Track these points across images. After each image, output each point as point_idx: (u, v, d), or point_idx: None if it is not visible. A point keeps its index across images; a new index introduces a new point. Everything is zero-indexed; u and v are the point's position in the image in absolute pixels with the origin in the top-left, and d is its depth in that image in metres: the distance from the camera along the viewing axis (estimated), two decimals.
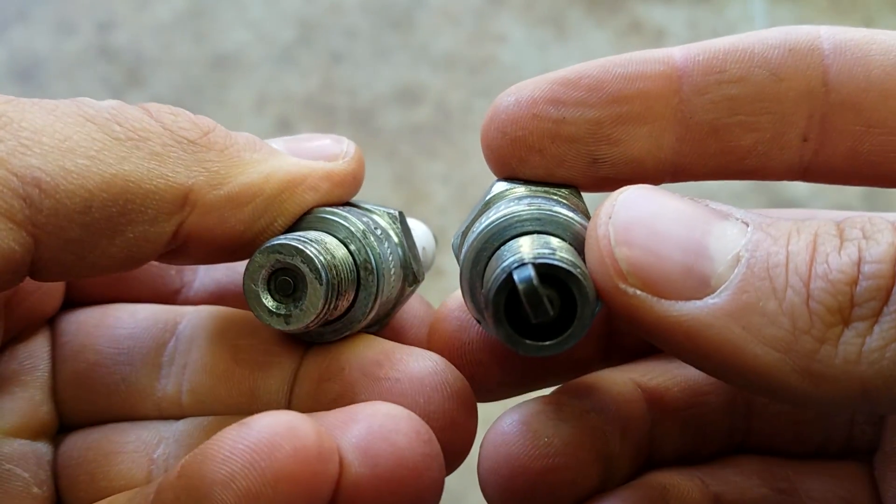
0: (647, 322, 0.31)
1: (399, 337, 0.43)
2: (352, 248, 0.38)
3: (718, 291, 0.30)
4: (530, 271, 0.31)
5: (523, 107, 0.38)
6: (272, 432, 0.31)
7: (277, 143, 0.40)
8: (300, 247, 0.36)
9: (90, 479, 0.39)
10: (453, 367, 0.38)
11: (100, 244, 0.34)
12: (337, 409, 0.36)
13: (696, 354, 0.31)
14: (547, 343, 0.32)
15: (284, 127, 1.11)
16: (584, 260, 0.33)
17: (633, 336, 0.43)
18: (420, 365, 0.37)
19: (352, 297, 0.39)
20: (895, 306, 0.29)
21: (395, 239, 0.40)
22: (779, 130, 0.36)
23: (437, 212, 1.04)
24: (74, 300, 0.43)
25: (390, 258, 0.40)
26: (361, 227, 0.39)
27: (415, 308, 0.44)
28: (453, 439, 0.37)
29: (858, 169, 0.37)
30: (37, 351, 0.41)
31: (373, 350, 0.38)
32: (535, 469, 0.38)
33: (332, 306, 0.37)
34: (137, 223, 0.34)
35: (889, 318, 0.29)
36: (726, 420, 0.42)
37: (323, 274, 0.36)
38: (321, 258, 0.36)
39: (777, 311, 0.29)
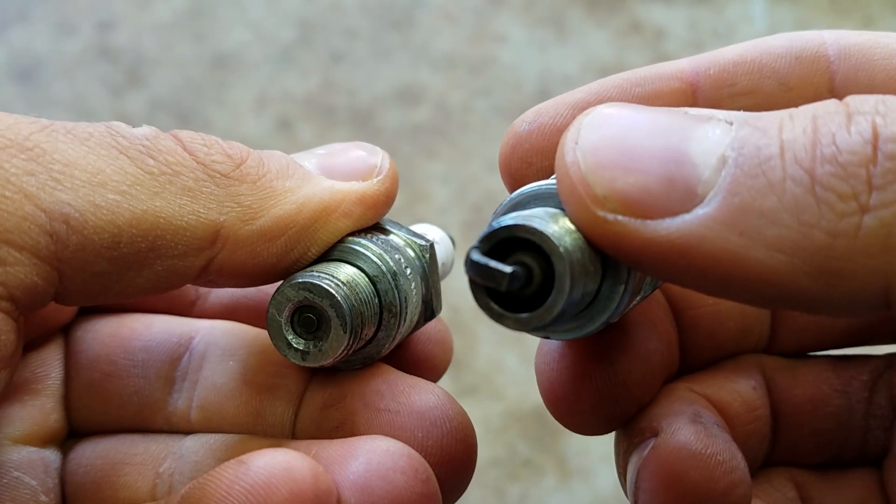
0: (635, 248, 0.28)
1: (407, 353, 0.43)
2: (379, 287, 0.38)
3: (707, 199, 0.27)
4: (476, 244, 0.30)
5: (547, 135, 0.37)
6: (269, 473, 0.31)
7: (310, 159, 0.39)
8: (331, 290, 0.36)
9: (96, 487, 0.39)
10: (456, 401, 0.37)
11: (126, 276, 0.34)
12: (337, 441, 0.36)
13: (694, 274, 0.28)
14: (526, 315, 0.30)
15: (284, 127, 1.11)
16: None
17: (698, 349, 0.42)
18: (421, 398, 0.37)
19: (370, 336, 0.38)
20: None
21: (421, 274, 0.40)
22: None
23: (437, 212, 1.04)
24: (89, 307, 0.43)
25: (415, 299, 0.39)
26: (392, 266, 0.38)
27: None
28: (451, 475, 0.36)
29: None
30: (49, 359, 0.41)
31: (376, 379, 0.38)
32: (727, 483, 0.35)
33: (350, 350, 0.37)
34: (166, 258, 0.34)
35: None
36: (770, 433, 0.42)
37: (348, 321, 0.36)
38: (349, 304, 0.36)
39: (777, 208, 0.26)
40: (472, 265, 0.30)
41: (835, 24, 1.16)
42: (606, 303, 0.32)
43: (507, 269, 0.29)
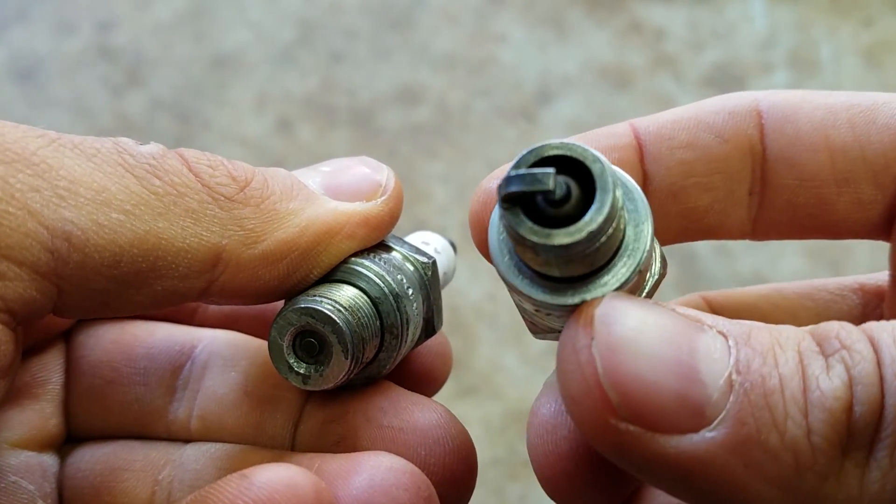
0: (640, 459, 0.29)
1: (407, 366, 0.43)
2: (381, 308, 0.38)
3: (715, 424, 0.28)
4: (517, 161, 0.29)
5: None
6: (272, 489, 0.31)
7: (314, 178, 0.39)
8: (333, 317, 0.36)
9: (95, 493, 0.39)
10: (457, 420, 0.38)
11: (125, 294, 0.34)
12: (340, 456, 0.36)
13: (693, 492, 0.29)
14: (573, 227, 0.28)
15: (284, 127, 1.11)
16: None
17: None
18: (424, 416, 0.37)
19: (372, 357, 0.38)
20: (887, 431, 0.27)
21: (423, 292, 0.40)
22: (730, 188, 0.39)
23: (437, 212, 1.04)
24: None
25: (416, 319, 0.39)
26: (395, 287, 0.38)
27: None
28: (452, 493, 0.37)
29: (798, 221, 0.39)
30: (50, 364, 0.41)
31: (378, 395, 0.38)
32: None
33: (352, 374, 0.37)
34: (167, 279, 0.34)
35: (884, 446, 0.27)
36: None
37: (350, 347, 0.36)
38: (351, 330, 0.36)
39: (779, 446, 0.27)
40: (510, 180, 0.29)
41: (835, 24, 1.16)
42: (636, 244, 0.31)
43: (550, 169, 0.28)
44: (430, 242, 0.44)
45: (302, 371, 0.37)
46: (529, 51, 1.16)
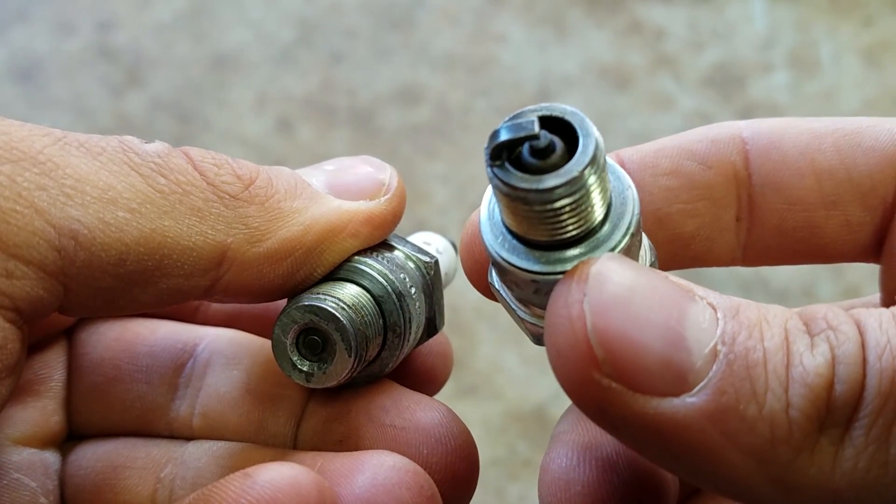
0: (618, 416, 0.29)
1: (409, 366, 0.43)
2: (384, 307, 0.38)
3: (696, 390, 0.28)
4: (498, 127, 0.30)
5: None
6: (275, 488, 0.31)
7: (318, 176, 0.39)
8: (337, 315, 0.36)
9: (96, 490, 0.40)
10: (459, 419, 0.38)
11: (131, 292, 0.34)
12: (343, 455, 0.36)
13: (666, 454, 0.29)
14: (562, 169, 0.29)
15: (284, 127, 1.11)
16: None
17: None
18: (426, 415, 0.37)
19: (374, 355, 0.39)
20: (865, 412, 0.28)
21: (425, 291, 0.40)
22: (716, 214, 0.39)
23: (438, 212, 1.04)
24: None
25: (418, 318, 0.40)
26: (398, 286, 0.38)
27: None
28: (454, 492, 0.37)
29: (788, 245, 0.39)
30: (52, 361, 0.42)
31: (380, 395, 0.39)
32: None
33: (355, 371, 0.37)
34: (172, 277, 0.34)
35: (860, 426, 0.28)
36: None
37: (353, 346, 0.36)
38: (355, 328, 0.36)
39: (757, 417, 0.28)
40: (496, 133, 0.30)
41: (835, 23, 1.16)
42: (623, 208, 0.32)
43: (532, 116, 0.29)
44: (432, 243, 0.44)
45: (305, 369, 0.37)
46: (529, 51, 1.16)
